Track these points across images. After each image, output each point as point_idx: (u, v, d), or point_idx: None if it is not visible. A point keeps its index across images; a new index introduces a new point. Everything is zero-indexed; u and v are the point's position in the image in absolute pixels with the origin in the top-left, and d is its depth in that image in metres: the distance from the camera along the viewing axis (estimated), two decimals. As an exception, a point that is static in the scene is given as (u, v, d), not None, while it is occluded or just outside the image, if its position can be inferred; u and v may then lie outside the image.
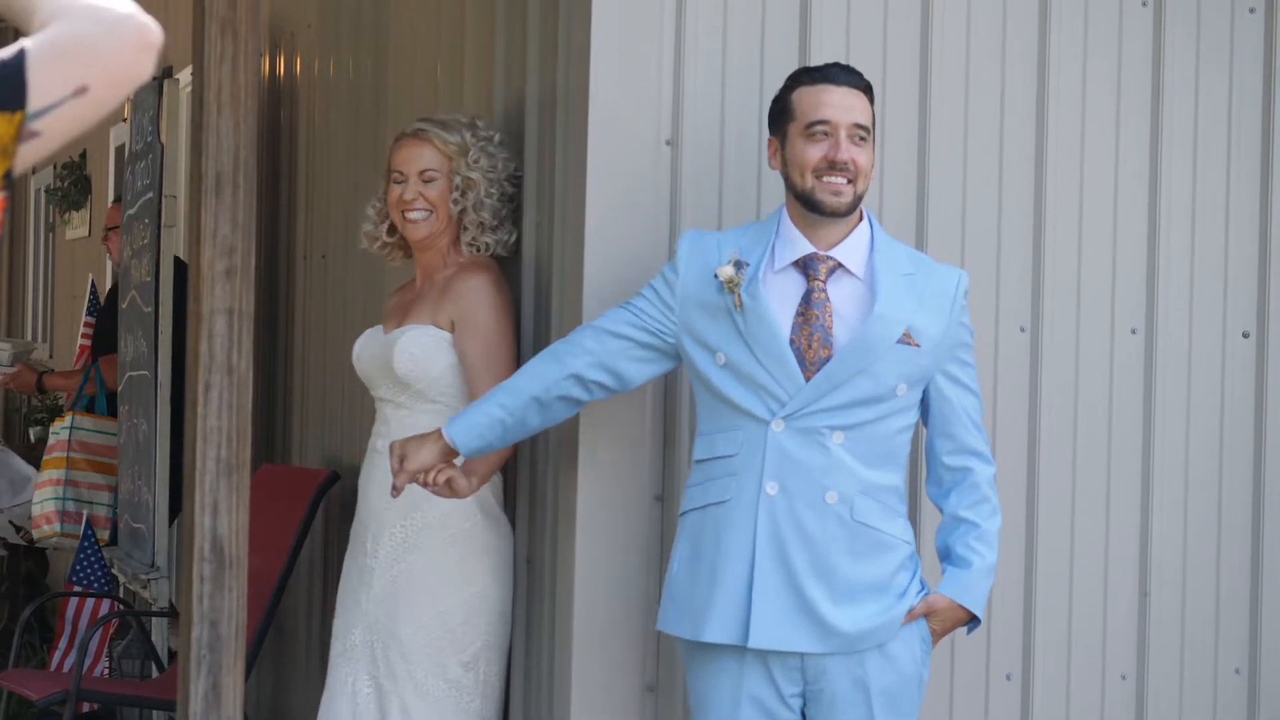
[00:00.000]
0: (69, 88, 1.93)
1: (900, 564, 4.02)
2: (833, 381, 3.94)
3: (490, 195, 4.60)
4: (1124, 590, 4.66)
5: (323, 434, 6.16)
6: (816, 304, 3.99)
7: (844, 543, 3.96)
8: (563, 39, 4.44)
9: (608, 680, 4.31)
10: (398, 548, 4.53)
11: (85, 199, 11.26)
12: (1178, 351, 4.69)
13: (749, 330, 3.96)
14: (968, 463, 4.10)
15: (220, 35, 3.97)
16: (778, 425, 3.95)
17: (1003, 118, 4.56)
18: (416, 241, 4.64)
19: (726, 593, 3.95)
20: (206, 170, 4.00)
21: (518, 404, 4.09)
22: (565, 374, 4.07)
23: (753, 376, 3.96)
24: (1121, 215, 4.65)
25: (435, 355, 4.52)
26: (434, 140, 4.60)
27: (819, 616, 3.93)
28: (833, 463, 3.95)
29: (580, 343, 4.08)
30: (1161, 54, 4.67)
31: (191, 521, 4.05)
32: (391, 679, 4.49)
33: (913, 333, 3.99)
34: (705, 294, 4.01)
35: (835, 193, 3.98)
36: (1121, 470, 4.65)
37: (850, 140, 3.98)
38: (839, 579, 3.95)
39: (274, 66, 6.91)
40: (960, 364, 4.10)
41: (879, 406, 3.98)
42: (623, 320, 4.07)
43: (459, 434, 4.12)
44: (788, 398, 3.94)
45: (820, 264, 4.02)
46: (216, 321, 4.01)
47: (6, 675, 6.52)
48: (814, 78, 4.05)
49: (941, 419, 4.09)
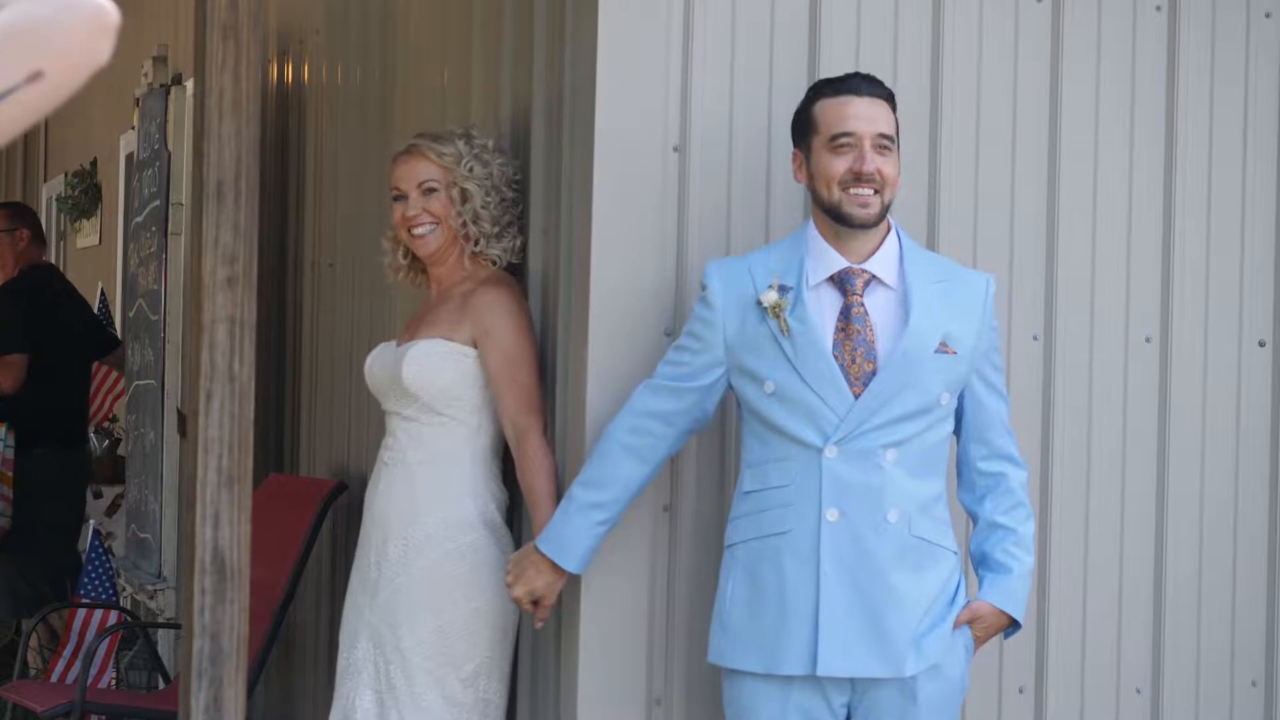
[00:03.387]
0: (23, 73, 1.84)
1: (950, 573, 4.02)
2: (881, 397, 3.92)
3: (488, 204, 4.55)
4: (1138, 603, 4.61)
5: (331, 444, 6.12)
6: (856, 318, 3.96)
7: (905, 560, 3.95)
8: (570, 45, 4.39)
9: (614, 694, 4.26)
10: (400, 559, 4.48)
11: (96, 207, 11.23)
12: (1192, 360, 4.64)
13: (798, 354, 3.93)
14: (1002, 468, 4.10)
15: (222, 41, 3.93)
16: (831, 451, 3.92)
17: (1015, 125, 4.51)
18: (428, 256, 4.59)
19: (799, 622, 3.92)
20: (208, 177, 3.95)
21: (617, 511, 4.11)
22: (655, 466, 4.10)
23: (803, 400, 3.93)
24: (1135, 223, 4.61)
25: (443, 367, 4.48)
26: (428, 153, 4.56)
27: (886, 638, 3.92)
28: (888, 481, 3.93)
29: (650, 430, 4.06)
30: (1176, 59, 4.62)
31: (192, 533, 4.00)
32: (392, 692, 4.44)
33: (949, 340, 3.99)
34: (748, 324, 3.99)
35: (863, 205, 3.96)
36: (1136, 480, 4.60)
37: (875, 151, 3.97)
38: (901, 597, 3.94)
39: (281, 73, 6.87)
40: (993, 368, 4.11)
41: (926, 418, 3.97)
42: (675, 379, 4.05)
43: (575, 562, 4.12)
44: (839, 419, 3.92)
45: (857, 278, 3.99)
46: (218, 330, 3.96)
47: (11, 686, 6.49)
48: (836, 89, 4.03)
49: (976, 425, 4.08)
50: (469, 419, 4.49)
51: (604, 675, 4.26)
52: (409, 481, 4.50)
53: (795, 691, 3.97)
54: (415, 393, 4.49)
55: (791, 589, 3.94)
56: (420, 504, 4.46)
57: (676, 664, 4.28)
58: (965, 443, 4.11)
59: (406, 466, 4.52)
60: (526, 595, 4.17)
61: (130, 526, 8.26)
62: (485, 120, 4.77)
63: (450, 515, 4.44)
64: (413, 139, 4.64)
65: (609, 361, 4.22)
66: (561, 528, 4.12)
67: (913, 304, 3.98)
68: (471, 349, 4.47)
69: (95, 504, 9.19)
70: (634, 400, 4.08)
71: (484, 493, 4.48)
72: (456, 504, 4.46)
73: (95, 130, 11.30)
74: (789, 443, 3.95)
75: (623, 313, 4.22)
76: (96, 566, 7.73)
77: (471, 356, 4.47)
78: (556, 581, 4.15)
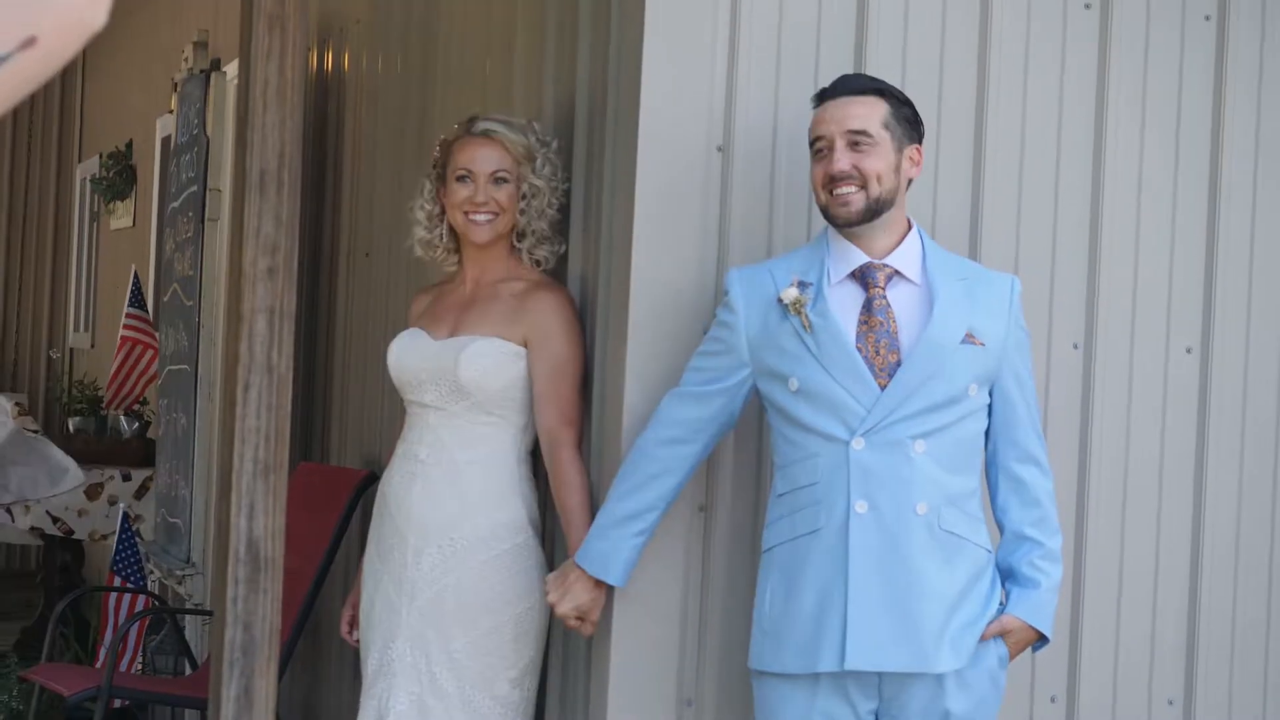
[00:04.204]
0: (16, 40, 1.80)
1: (980, 570, 3.98)
2: (907, 387, 3.90)
3: (551, 206, 4.52)
4: (1173, 613, 4.58)
5: (362, 434, 6.11)
6: (879, 310, 3.95)
7: (934, 554, 3.92)
8: (614, 41, 4.38)
9: (645, 694, 4.25)
10: (444, 560, 4.42)
11: (130, 189, 11.24)
12: (1233, 371, 4.61)
13: (821, 349, 3.92)
14: (1029, 472, 4.07)
15: (268, 31, 3.93)
16: (858, 443, 3.90)
17: (1060, 130, 4.49)
18: (478, 245, 4.55)
19: (830, 618, 3.91)
20: (251, 167, 3.95)
21: (654, 521, 4.11)
22: (687, 474, 4.10)
23: (828, 395, 3.92)
24: (1179, 232, 4.58)
25: (503, 369, 4.44)
26: (504, 142, 4.50)
27: (914, 631, 3.90)
28: (917, 473, 3.90)
29: (680, 439, 4.06)
30: (1224, 68, 4.60)
31: (227, 522, 4.00)
32: (438, 695, 4.39)
33: (975, 332, 3.97)
34: (770, 323, 3.98)
35: (844, 204, 3.96)
36: (1173, 491, 4.58)
37: (848, 149, 3.96)
38: (928, 589, 3.91)
39: (322, 62, 6.87)
40: (1025, 368, 4.08)
41: (955, 409, 3.94)
42: (701, 384, 4.05)
43: (617, 576, 4.13)
44: (865, 411, 3.90)
45: (878, 271, 3.99)
46: (257, 321, 3.96)
47: (39, 669, 6.48)
48: (818, 100, 4.07)
49: (1006, 423, 4.06)
50: (517, 419, 4.46)
51: (636, 675, 4.24)
52: (456, 481, 4.45)
53: (821, 696, 3.94)
54: (471, 391, 4.44)
55: (823, 585, 3.92)
56: (470, 505, 4.42)
57: (709, 665, 4.26)
58: (995, 442, 4.08)
59: (453, 466, 4.45)
60: (573, 612, 4.17)
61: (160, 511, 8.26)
62: (527, 114, 4.75)
63: (502, 517, 4.41)
64: (483, 122, 4.54)
65: (648, 362, 4.20)
66: (600, 542, 4.12)
67: (937, 296, 3.97)
68: (523, 349, 4.44)
69: (124, 487, 9.20)
70: (662, 410, 4.09)
71: (529, 493, 4.45)
72: (508, 505, 4.43)
73: (131, 113, 11.31)
74: (816, 439, 3.94)
75: (662, 312, 4.21)
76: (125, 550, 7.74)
77: (524, 357, 4.44)
78: (600, 596, 4.17)
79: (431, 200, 4.61)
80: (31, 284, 13.87)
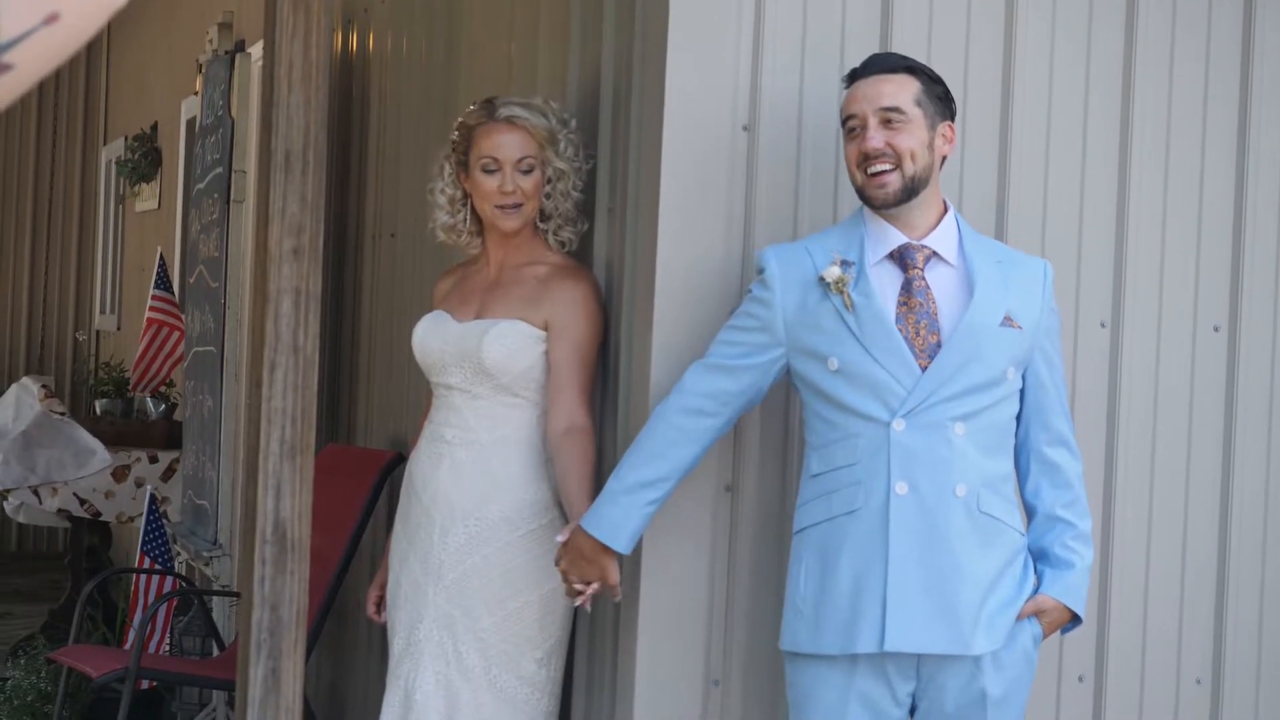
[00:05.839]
0: (39, 16, 1.80)
1: (1015, 553, 3.98)
2: (948, 369, 3.89)
3: (576, 188, 4.51)
4: (1201, 593, 4.57)
5: (388, 415, 6.11)
6: (918, 292, 3.94)
7: (972, 536, 3.91)
8: (640, 20, 4.36)
9: (671, 673, 4.25)
10: (471, 540, 4.43)
11: (156, 171, 11.25)
12: (1261, 350, 4.60)
13: (863, 328, 3.91)
14: (1061, 455, 4.07)
15: (293, 11, 3.92)
16: (899, 425, 3.89)
17: (1087, 110, 4.47)
18: (508, 232, 4.53)
19: (870, 600, 3.89)
20: (276, 148, 3.94)
21: (667, 490, 4.05)
22: (705, 447, 4.05)
23: (869, 375, 3.90)
24: (1206, 210, 4.56)
25: (526, 351, 4.44)
26: (527, 127, 4.48)
27: (953, 613, 3.89)
28: (957, 455, 3.89)
29: (704, 409, 4.01)
30: (1251, 51, 4.58)
31: (254, 504, 4.00)
32: (464, 675, 4.40)
33: (1013, 316, 3.96)
34: (809, 302, 3.95)
35: (880, 185, 3.95)
36: (1201, 470, 4.57)
37: (881, 126, 3.95)
38: (967, 572, 3.90)
39: (346, 42, 6.86)
40: (1055, 351, 4.08)
41: (993, 392, 3.94)
42: (732, 358, 4.01)
43: (624, 542, 4.06)
44: (905, 392, 3.89)
45: (917, 253, 3.97)
46: (283, 301, 3.96)
47: (66, 651, 6.50)
48: (850, 78, 4.05)
49: (1038, 407, 4.05)
50: (540, 400, 4.46)
51: (662, 654, 4.24)
52: (482, 462, 4.45)
53: (859, 677, 3.93)
54: (495, 373, 4.44)
55: (863, 566, 3.90)
56: (497, 485, 4.42)
57: (736, 644, 4.26)
58: (1027, 426, 4.07)
59: (480, 447, 4.46)
60: (580, 578, 4.13)
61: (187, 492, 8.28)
62: (551, 94, 4.74)
63: (527, 497, 4.41)
64: (505, 108, 4.51)
65: (673, 341, 4.19)
66: (609, 507, 4.07)
67: (976, 279, 3.96)
68: (544, 332, 4.44)
69: (151, 469, 9.22)
70: (686, 380, 4.04)
71: (553, 474, 4.45)
72: (533, 486, 4.43)
73: (156, 95, 11.32)
74: (856, 419, 3.92)
75: (688, 292, 4.20)
76: (153, 531, 7.75)
77: (545, 340, 4.44)
78: (611, 561, 4.10)
79: (453, 184, 4.60)
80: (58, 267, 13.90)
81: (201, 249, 8.04)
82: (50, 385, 10.10)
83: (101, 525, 9.81)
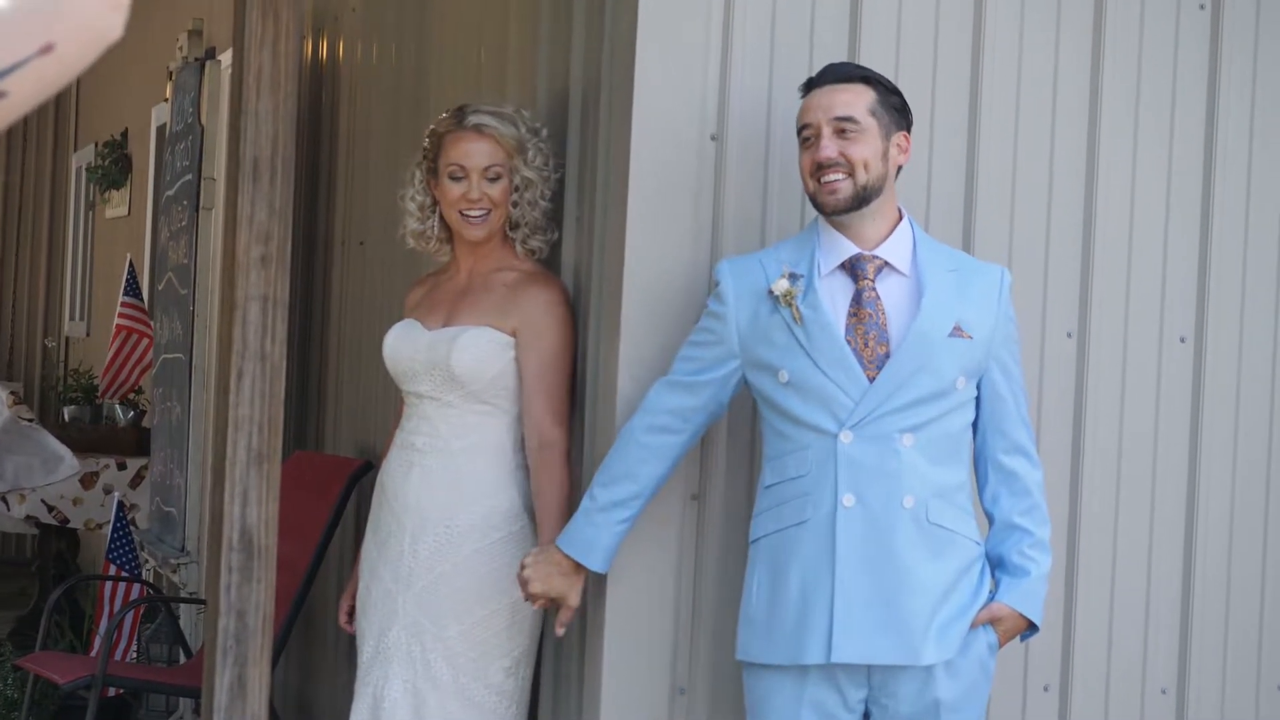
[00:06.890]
0: (34, 46, 1.81)
1: (970, 563, 3.98)
2: (896, 380, 3.90)
3: (544, 197, 4.51)
4: (1166, 603, 4.58)
5: (357, 423, 6.11)
6: (868, 303, 3.94)
7: (921, 547, 3.91)
8: (608, 29, 4.37)
9: (638, 682, 4.25)
10: (440, 548, 4.42)
11: (126, 178, 11.24)
12: (1227, 362, 4.61)
13: (811, 341, 3.92)
14: (1019, 464, 4.06)
15: (261, 19, 3.92)
16: (846, 436, 3.90)
17: (1054, 120, 4.48)
18: (475, 241, 4.54)
19: (817, 611, 3.90)
20: (244, 155, 3.95)
21: (639, 508, 4.10)
22: (674, 463, 4.09)
23: (818, 387, 3.91)
24: (1173, 221, 4.58)
25: (494, 358, 4.44)
26: (495, 136, 4.48)
27: (902, 624, 3.89)
28: (905, 466, 3.90)
29: (668, 427, 4.05)
30: (1219, 58, 4.59)
31: (220, 511, 4.00)
32: (432, 684, 4.39)
33: (964, 325, 3.96)
34: (760, 315, 3.97)
35: (831, 191, 3.96)
36: (1167, 480, 4.58)
37: (835, 135, 3.96)
38: (917, 583, 3.90)
39: (316, 50, 6.86)
40: (1012, 360, 4.07)
41: (942, 402, 3.94)
42: (690, 374, 4.04)
43: (600, 561, 4.11)
44: (853, 403, 3.90)
45: (868, 263, 3.98)
46: (250, 308, 3.96)
47: (33, 658, 6.48)
48: (805, 88, 4.07)
49: (994, 416, 4.05)
50: (511, 408, 4.45)
51: (628, 663, 4.24)
52: (452, 469, 4.45)
53: (810, 685, 3.94)
54: (465, 381, 4.44)
55: (809, 578, 3.92)
56: (466, 492, 4.42)
57: (701, 653, 4.26)
58: (983, 434, 4.08)
59: (449, 455, 4.46)
60: (544, 593, 4.15)
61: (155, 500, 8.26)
62: (520, 103, 4.74)
63: (497, 504, 4.41)
64: (472, 116, 4.52)
65: (640, 350, 4.20)
66: (584, 527, 4.11)
67: (925, 288, 3.96)
68: (512, 338, 4.44)
69: (119, 475, 9.20)
70: (650, 398, 4.08)
71: (524, 482, 4.45)
72: (503, 493, 4.43)
73: (127, 101, 11.30)
74: (806, 431, 3.94)
75: (656, 301, 4.20)
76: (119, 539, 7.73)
77: (514, 347, 4.44)
78: (579, 581, 4.15)
79: (423, 191, 4.60)
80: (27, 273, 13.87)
81: (171, 256, 8.03)
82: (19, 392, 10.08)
83: (69, 532, 9.80)
